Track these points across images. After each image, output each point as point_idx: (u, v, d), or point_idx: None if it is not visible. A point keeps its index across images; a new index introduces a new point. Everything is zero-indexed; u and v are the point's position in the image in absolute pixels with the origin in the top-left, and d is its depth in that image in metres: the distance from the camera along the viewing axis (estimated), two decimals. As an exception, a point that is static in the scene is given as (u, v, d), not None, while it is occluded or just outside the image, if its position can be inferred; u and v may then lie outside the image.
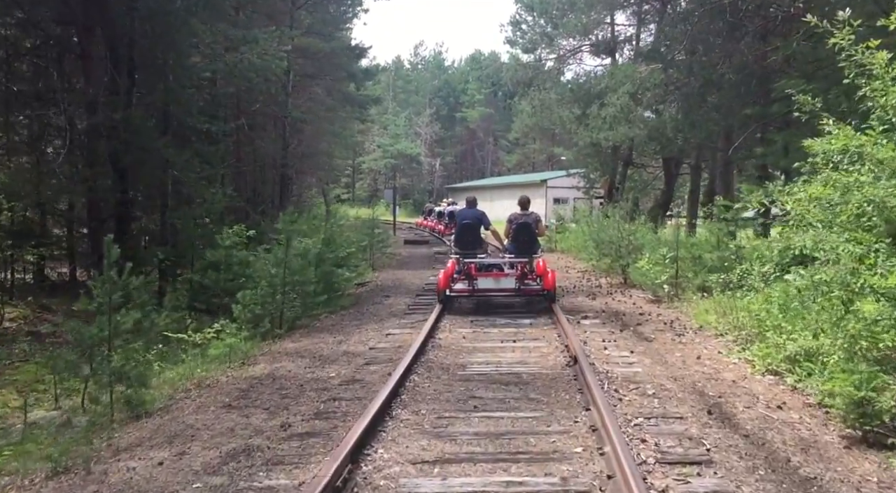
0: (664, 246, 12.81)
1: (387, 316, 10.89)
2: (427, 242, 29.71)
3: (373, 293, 14.08)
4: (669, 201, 27.34)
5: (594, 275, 16.20)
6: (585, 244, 19.07)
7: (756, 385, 6.41)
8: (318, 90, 30.01)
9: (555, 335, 8.91)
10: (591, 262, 17.30)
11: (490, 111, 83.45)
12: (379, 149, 76.75)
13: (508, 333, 9.12)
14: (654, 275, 11.69)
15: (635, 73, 16.23)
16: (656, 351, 7.94)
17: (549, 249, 24.18)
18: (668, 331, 9.21)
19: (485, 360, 7.57)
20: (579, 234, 21.89)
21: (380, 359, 7.71)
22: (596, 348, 8.05)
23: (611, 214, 19.17)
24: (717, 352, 7.87)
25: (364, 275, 17.23)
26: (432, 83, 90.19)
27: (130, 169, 12.38)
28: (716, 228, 11.68)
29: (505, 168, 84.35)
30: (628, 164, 28.81)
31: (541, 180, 51.95)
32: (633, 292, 13.10)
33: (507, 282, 10.75)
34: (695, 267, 11.76)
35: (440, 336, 8.96)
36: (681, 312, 10.65)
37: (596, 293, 13.00)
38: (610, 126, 18.37)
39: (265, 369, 7.42)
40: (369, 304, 12.48)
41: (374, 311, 11.58)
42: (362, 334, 9.34)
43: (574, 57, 29.85)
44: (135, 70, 12.55)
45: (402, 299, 12.94)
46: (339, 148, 41.65)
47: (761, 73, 14.35)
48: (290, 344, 8.92)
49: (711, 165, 20.45)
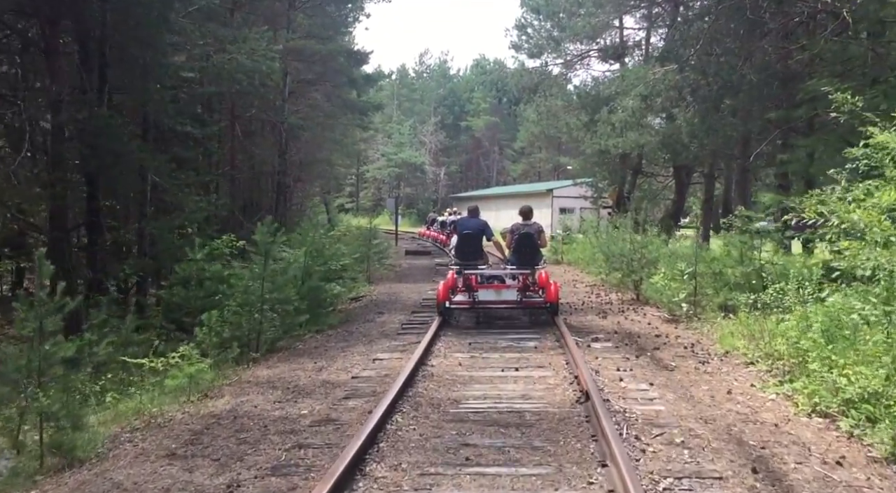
0: (680, 260, 11.80)
1: (377, 337, 9.90)
2: (429, 253, 28.73)
3: (366, 309, 13.09)
4: (681, 212, 26.34)
5: (604, 290, 15.18)
6: (594, 257, 18.08)
7: (804, 431, 5.38)
8: (318, 96, 29.11)
9: (562, 362, 7.89)
10: (601, 275, 16.30)
11: (496, 120, 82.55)
12: (383, 157, 75.98)
13: (510, 358, 8.11)
14: (671, 292, 10.67)
15: (648, 74, 15.25)
16: (679, 383, 6.92)
17: (556, 260, 23.22)
18: (689, 357, 8.18)
19: (482, 393, 6.56)
20: (587, 245, 20.88)
21: (362, 392, 6.71)
22: (610, 378, 7.03)
23: (620, 225, 18.23)
24: (749, 385, 6.84)
25: (359, 289, 16.26)
26: (437, 92, 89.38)
27: (101, 174, 11.44)
28: (737, 240, 10.65)
29: (510, 178, 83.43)
30: (637, 172, 27.83)
31: (546, 190, 50.87)
32: (646, 309, 12.08)
33: (509, 294, 10.37)
34: (715, 284, 10.74)
35: (433, 363, 7.95)
36: (701, 334, 9.62)
37: (607, 311, 11.98)
38: (620, 132, 17.40)
39: (228, 404, 6.43)
40: (360, 322, 11.49)
41: (364, 330, 10.59)
42: (347, 359, 8.34)
43: (581, 62, 28.93)
44: (106, 67, 11.64)
45: (397, 316, 11.95)
46: (340, 156, 40.73)
47: (783, 74, 13.37)
48: (264, 371, 7.93)
49: (726, 174, 19.42)
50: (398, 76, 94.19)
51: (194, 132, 14.12)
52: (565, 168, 65.36)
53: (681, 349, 8.66)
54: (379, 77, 35.41)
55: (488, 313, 11.15)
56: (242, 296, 8.64)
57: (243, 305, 8.68)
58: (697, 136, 14.85)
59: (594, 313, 11.84)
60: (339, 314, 12.72)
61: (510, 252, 10.96)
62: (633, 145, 18.86)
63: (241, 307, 8.69)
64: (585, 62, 28.81)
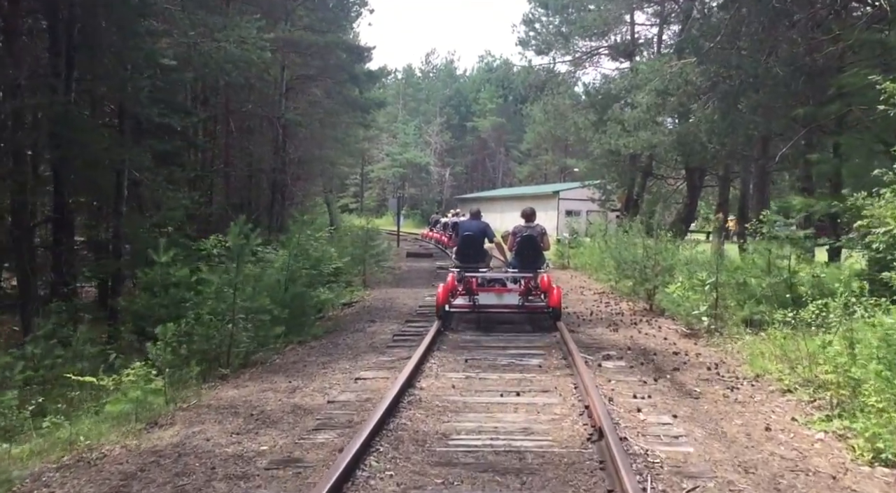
0: (699, 268, 10.80)
1: (364, 350, 8.93)
2: (431, 256, 27.74)
3: (357, 317, 12.13)
4: (692, 216, 25.35)
5: (613, 298, 14.19)
6: (603, 262, 17.10)
7: (869, 487, 4.39)
8: (318, 92, 28.16)
9: (570, 386, 6.91)
10: (610, 282, 15.32)
11: (502, 121, 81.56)
12: (388, 157, 75.06)
13: (511, 380, 7.13)
14: (689, 304, 9.67)
15: (664, 68, 14.24)
16: (707, 415, 5.93)
17: (562, 265, 22.25)
18: (715, 381, 7.19)
19: (476, 426, 5.58)
20: (595, 250, 19.89)
21: (336, 421, 5.74)
22: (626, 407, 6.04)
23: (630, 230, 17.26)
24: (790, 419, 5.85)
25: (353, 294, 15.30)
26: (443, 92, 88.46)
27: (67, 167, 10.50)
28: (763, 247, 9.64)
29: (516, 180, 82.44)
30: (648, 174, 26.84)
31: (553, 192, 50.02)
32: (661, 321, 11.09)
33: (510, 298, 10.23)
34: (739, 295, 9.74)
35: (423, 384, 6.97)
36: (725, 352, 8.62)
37: (618, 323, 10.98)
38: (632, 131, 16.38)
39: (176, 436, 5.46)
40: (349, 332, 10.52)
41: (351, 342, 9.62)
42: (326, 378, 7.37)
43: (591, 60, 27.92)
44: (75, 51, 10.69)
45: (389, 325, 10.98)
46: (342, 155, 39.75)
47: (810, 68, 12.36)
48: (229, 391, 6.96)
49: (743, 176, 18.41)
50: (404, 76, 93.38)
51: (175, 124, 13.17)
52: (572, 170, 64.40)
53: (704, 371, 7.66)
54: (382, 74, 34.47)
55: (489, 318, 10.65)
56: (211, 304, 7.68)
57: (212, 314, 7.72)
58: (717, 134, 13.82)
59: (604, 325, 10.85)
60: (328, 322, 11.78)
61: (512, 255, 10.72)
62: (644, 145, 17.84)
63: (210, 317, 7.73)
64: (595, 60, 27.84)
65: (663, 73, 14.11)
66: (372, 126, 42.48)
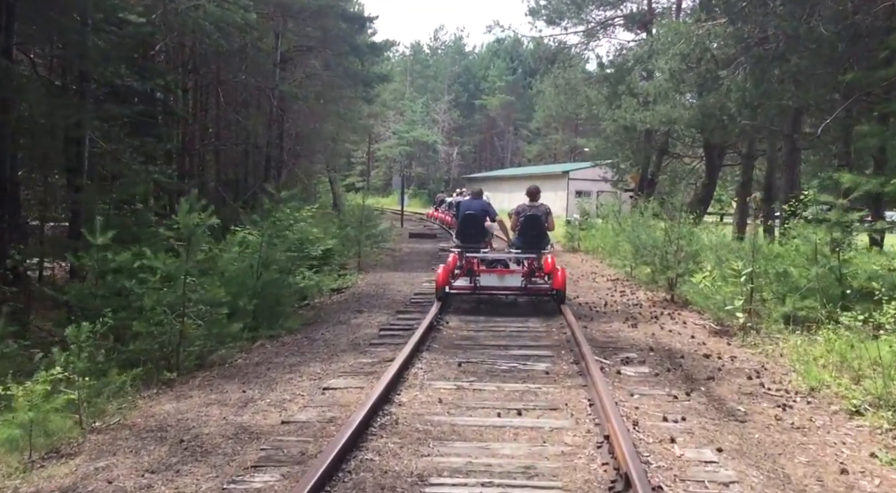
0: (728, 253, 9.48)
1: (344, 348, 7.68)
2: (434, 236, 26.49)
3: (343, 306, 10.87)
4: (711, 197, 23.91)
5: (629, 286, 12.88)
6: (616, 246, 15.77)
7: None
8: (317, 64, 26.73)
9: (584, 402, 5.62)
10: (625, 268, 14.00)
11: (511, 99, 79.83)
12: (394, 136, 73.54)
13: (512, 393, 5.85)
14: (721, 297, 8.35)
15: (690, 30, 12.75)
16: (761, 448, 4.64)
17: (572, 248, 20.96)
18: (761, 396, 5.90)
19: (464, 462, 4.31)
20: (607, 232, 18.55)
21: (284, 454, 4.48)
22: (656, 437, 4.76)
23: (645, 211, 15.95)
24: (868, 455, 4.55)
25: (345, 278, 14.06)
26: (452, 69, 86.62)
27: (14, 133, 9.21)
28: (810, 231, 8.28)
29: (525, 159, 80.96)
30: (663, 152, 25.35)
31: (562, 172, 48.68)
32: (685, 315, 9.78)
33: (513, 280, 9.83)
34: (778, 287, 8.41)
35: (403, 398, 5.70)
36: (766, 355, 7.32)
37: (636, 316, 9.68)
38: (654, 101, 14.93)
39: (71, 475, 4.21)
40: (330, 324, 9.26)
41: (330, 336, 8.36)
42: (289, 387, 6.11)
43: (604, 31, 26.32)
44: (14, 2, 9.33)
45: (378, 316, 9.72)
46: (345, 131, 38.29)
47: (858, 28, 10.90)
48: (166, 405, 5.70)
49: (770, 153, 16.96)
50: (412, 52, 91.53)
51: (139, 87, 11.87)
52: (582, 150, 62.84)
53: (744, 381, 6.36)
54: (386, 46, 32.86)
55: (490, 309, 9.98)
56: (156, 296, 6.41)
57: (157, 307, 6.46)
58: (747, 105, 12.36)
59: (620, 318, 9.55)
60: (311, 312, 10.54)
61: (515, 235, 10.38)
62: (663, 120, 16.40)
63: (154, 310, 6.47)
64: (609, 31, 26.21)
65: (688, 35, 12.64)
66: (375, 101, 40.97)
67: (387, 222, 30.63)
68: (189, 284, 6.60)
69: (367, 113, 51.58)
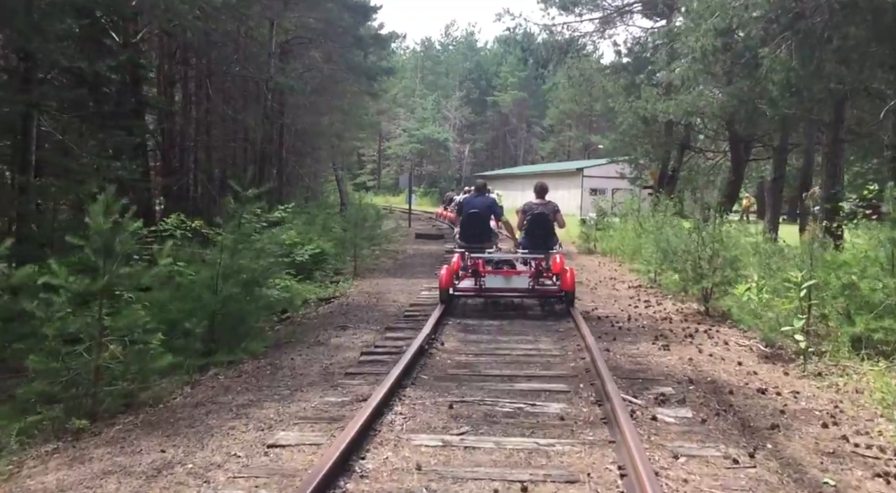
0: (779, 260, 7.98)
1: (313, 380, 6.27)
2: (441, 237, 25.07)
3: (327, 320, 9.47)
4: (737, 194, 22.36)
5: (654, 294, 11.42)
6: (638, 248, 14.30)
7: None
8: (317, 55, 25.34)
9: (613, 470, 4.14)
10: (648, 274, 12.53)
11: (524, 95, 78.31)
12: (405, 133, 72.12)
13: (516, 453, 4.39)
14: (775, 315, 6.86)
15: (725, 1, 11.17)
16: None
17: (588, 250, 19.52)
18: (849, 457, 4.41)
19: None
20: (626, 233, 17.05)
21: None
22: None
23: (667, 210, 14.51)
24: None
25: (338, 286, 12.68)
26: (463, 65, 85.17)
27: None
28: (884, 233, 6.75)
29: (538, 156, 79.45)
30: (685, 147, 23.81)
31: (576, 169, 47.22)
32: (724, 333, 8.30)
33: (520, 281, 9.42)
34: (845, 303, 6.91)
35: (369, 465, 4.24)
36: (836, 390, 5.84)
37: (667, 335, 8.20)
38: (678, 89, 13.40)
39: None
40: (305, 345, 7.85)
41: (299, 363, 6.95)
42: (224, 442, 4.69)
43: (621, 18, 24.78)
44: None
45: (363, 334, 8.31)
46: (352, 128, 36.82)
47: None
48: (48, 475, 4.24)
49: (808, 145, 15.39)
50: (422, 48, 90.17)
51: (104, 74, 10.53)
52: (596, 147, 61.25)
53: (819, 430, 4.89)
54: (392, 38, 31.43)
55: (496, 326, 8.82)
56: (59, 323, 5.01)
57: (62, 337, 5.06)
58: (792, 89, 10.77)
59: (649, 337, 8.07)
60: (288, 328, 9.14)
61: (522, 234, 10.13)
62: (689, 109, 14.86)
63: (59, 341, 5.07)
64: (626, 18, 24.65)
65: (723, 7, 11.06)
66: (383, 97, 39.54)
67: (393, 222, 29.29)
68: (106, 306, 5.19)
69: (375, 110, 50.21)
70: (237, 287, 7.45)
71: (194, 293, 7.24)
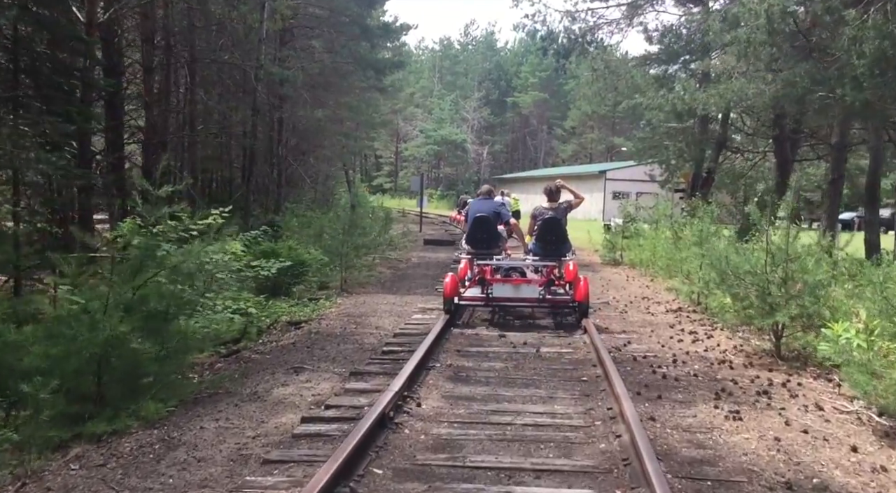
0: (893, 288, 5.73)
1: (211, 475, 4.15)
2: (452, 243, 22.98)
3: (282, 357, 7.33)
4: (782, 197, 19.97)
5: (699, 321, 9.20)
6: (679, 261, 12.07)
7: None
8: (316, 44, 23.31)
9: None
10: (690, 294, 10.32)
11: (545, 96, 76.14)
12: (422, 134, 70.03)
13: None
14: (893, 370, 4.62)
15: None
16: None
17: (613, 260, 17.29)
18: None
19: None
20: (660, 242, 14.77)
21: None
22: None
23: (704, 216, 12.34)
24: None
25: (317, 304, 10.60)
26: (483, 65, 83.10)
27: None
28: None
29: (559, 159, 77.22)
30: (721, 145, 21.47)
31: (599, 172, 45.09)
32: (809, 384, 6.06)
33: (530, 290, 8.83)
34: None
35: None
36: None
37: (732, 391, 5.94)
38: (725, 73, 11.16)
39: None
40: (232, 401, 5.71)
41: (207, 439, 4.81)
42: None
43: (652, 5, 22.48)
44: None
45: (321, 382, 6.17)
46: (362, 127, 34.74)
47: None
48: None
49: (875, 141, 13.08)
50: (441, 48, 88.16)
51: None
52: (619, 150, 58.89)
53: None
54: (402, 29, 29.29)
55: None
56: None
57: None
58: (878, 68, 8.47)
59: (706, 393, 5.84)
60: (225, 370, 7.00)
61: (533, 240, 9.69)
62: (735, 98, 12.61)
63: None
64: (657, 4, 22.34)
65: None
66: (390, 92, 37.39)
67: (403, 226, 27.20)
68: None
69: (388, 108, 48.18)
70: (133, 323, 5.32)
71: (70, 332, 5.13)
